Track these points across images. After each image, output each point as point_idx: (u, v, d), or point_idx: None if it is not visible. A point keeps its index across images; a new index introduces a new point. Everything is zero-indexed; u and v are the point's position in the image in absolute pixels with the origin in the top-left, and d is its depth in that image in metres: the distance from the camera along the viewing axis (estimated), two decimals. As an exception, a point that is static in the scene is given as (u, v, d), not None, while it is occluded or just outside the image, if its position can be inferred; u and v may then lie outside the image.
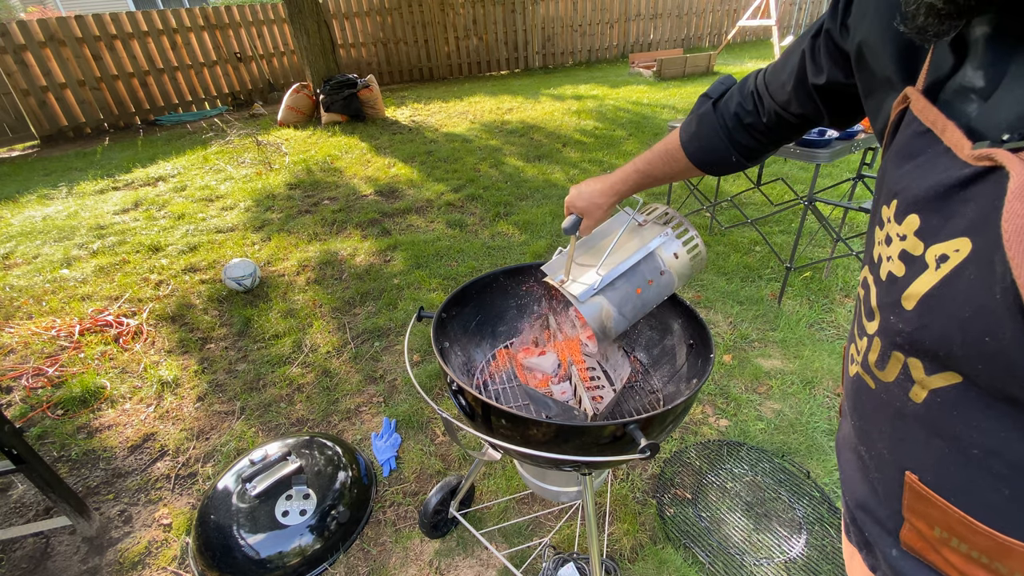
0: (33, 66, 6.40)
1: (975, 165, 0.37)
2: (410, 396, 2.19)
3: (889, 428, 0.49)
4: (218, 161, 5.27)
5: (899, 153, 0.46)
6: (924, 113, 0.43)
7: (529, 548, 1.57)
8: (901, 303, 0.43)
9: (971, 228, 0.37)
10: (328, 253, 3.37)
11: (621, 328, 0.96)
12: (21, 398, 2.27)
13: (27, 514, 1.80)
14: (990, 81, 0.38)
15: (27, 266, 3.40)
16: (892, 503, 0.49)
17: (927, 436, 0.44)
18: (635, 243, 0.97)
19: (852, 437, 0.57)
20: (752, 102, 0.78)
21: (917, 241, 0.42)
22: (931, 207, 0.41)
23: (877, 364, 0.49)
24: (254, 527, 1.51)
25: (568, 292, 0.94)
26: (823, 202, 2.42)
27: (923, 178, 0.42)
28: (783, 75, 0.71)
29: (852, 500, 0.57)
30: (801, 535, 1.59)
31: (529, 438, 0.89)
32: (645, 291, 0.95)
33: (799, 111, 0.72)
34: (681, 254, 0.96)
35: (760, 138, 0.80)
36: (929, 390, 0.43)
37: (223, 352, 2.54)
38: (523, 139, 5.52)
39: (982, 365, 0.37)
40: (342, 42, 8.51)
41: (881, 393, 0.49)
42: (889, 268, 0.46)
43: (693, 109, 0.87)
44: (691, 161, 0.87)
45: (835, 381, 2.14)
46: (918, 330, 0.42)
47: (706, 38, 11.17)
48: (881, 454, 0.50)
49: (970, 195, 0.37)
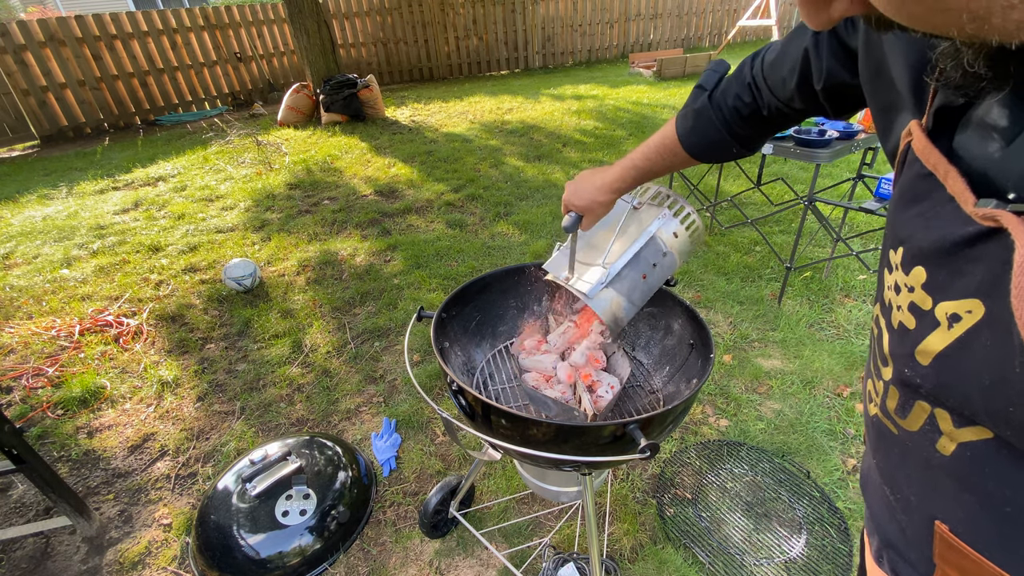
0: (33, 66, 6.41)
1: (980, 224, 0.34)
2: (410, 396, 2.19)
3: (915, 475, 0.46)
4: (218, 161, 5.27)
5: (903, 195, 0.44)
6: (925, 155, 0.40)
7: (529, 548, 1.57)
8: (915, 357, 0.41)
9: (982, 290, 0.34)
10: (328, 253, 3.37)
11: (631, 315, 0.96)
12: (21, 398, 2.27)
13: (27, 514, 1.80)
14: (1015, 123, 0.34)
15: (27, 266, 3.40)
16: (922, 548, 0.47)
17: (957, 490, 0.41)
18: (634, 229, 0.96)
19: (876, 475, 0.54)
20: (750, 94, 0.75)
21: (925, 295, 0.40)
22: (937, 262, 0.39)
23: (897, 412, 0.47)
24: (254, 527, 1.51)
25: (576, 289, 0.93)
26: (823, 202, 2.42)
27: (928, 228, 0.40)
28: (783, 70, 0.68)
29: (881, 537, 0.55)
30: (801, 535, 1.59)
31: (529, 438, 0.89)
32: (650, 275, 0.94)
33: (802, 107, 0.70)
34: (680, 232, 0.95)
35: (760, 127, 0.79)
36: (958, 443, 0.40)
37: (223, 352, 2.54)
38: (523, 139, 5.51)
39: (1011, 432, 0.35)
40: (342, 42, 8.51)
41: (905, 440, 0.46)
42: (900, 318, 0.44)
43: (688, 102, 0.84)
44: (690, 154, 0.85)
45: (835, 381, 2.14)
46: (938, 388, 0.40)
47: (706, 38, 11.16)
48: (908, 499, 0.48)
49: (978, 254, 0.35)
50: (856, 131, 2.28)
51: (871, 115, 0.56)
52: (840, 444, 1.87)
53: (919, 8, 0.27)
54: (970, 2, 0.25)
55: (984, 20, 0.25)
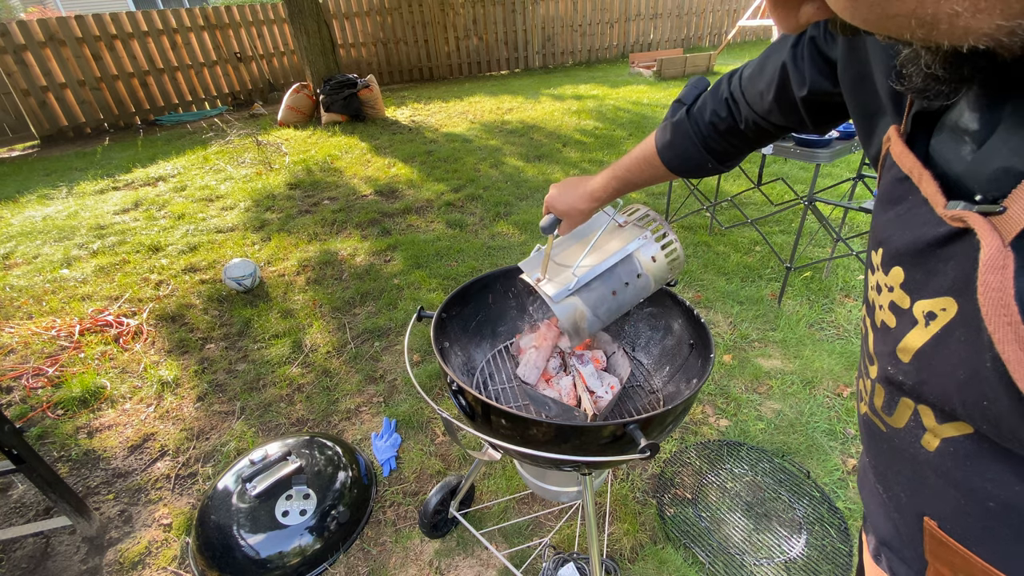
0: (33, 66, 6.41)
1: (950, 224, 0.36)
2: (410, 396, 2.19)
3: (904, 473, 0.47)
4: (218, 161, 5.27)
5: (883, 198, 0.45)
6: (902, 159, 0.42)
7: (529, 548, 1.57)
8: (897, 354, 0.43)
9: (954, 288, 0.36)
10: (328, 253, 3.37)
11: (595, 329, 0.96)
12: (21, 398, 2.27)
13: (27, 514, 1.80)
14: (985, 126, 0.35)
15: (27, 266, 3.40)
16: (915, 545, 0.48)
17: (943, 485, 0.42)
18: (614, 244, 0.96)
19: (871, 473, 0.55)
20: (727, 109, 0.76)
21: (903, 294, 0.41)
22: (913, 261, 0.40)
23: (884, 409, 0.48)
24: (254, 527, 1.51)
25: (543, 291, 0.93)
26: (823, 202, 2.42)
27: (904, 229, 0.41)
28: (760, 84, 0.68)
29: (877, 535, 0.56)
30: (801, 535, 1.59)
31: (529, 438, 0.89)
32: (621, 293, 0.94)
33: (781, 122, 0.70)
34: (659, 257, 0.94)
35: (736, 143, 0.79)
36: (942, 439, 0.41)
37: (223, 352, 2.54)
38: (523, 139, 5.52)
39: (986, 425, 0.36)
40: (342, 42, 8.51)
41: (893, 438, 0.47)
42: (882, 317, 0.45)
43: (667, 115, 0.84)
44: (668, 168, 0.85)
45: (835, 381, 2.14)
46: (919, 384, 0.41)
47: (706, 38, 11.17)
48: (899, 496, 0.49)
49: (949, 254, 0.36)
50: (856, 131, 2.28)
51: (853, 122, 0.57)
52: (840, 444, 1.87)
53: (871, 14, 0.28)
54: (916, 9, 0.26)
55: (932, 26, 0.26)
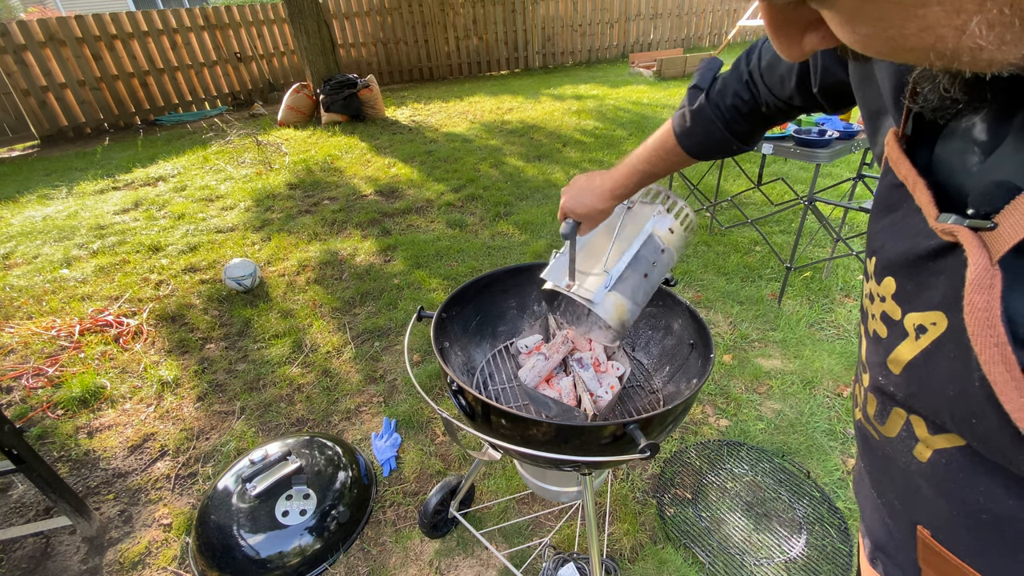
0: (33, 66, 6.41)
1: (941, 238, 0.35)
2: (410, 396, 2.19)
3: (897, 481, 0.47)
4: (218, 161, 5.27)
5: (879, 203, 0.45)
6: (897, 166, 0.40)
7: (529, 548, 1.57)
8: (888, 365, 0.42)
9: (944, 303, 0.35)
10: (328, 253, 3.37)
11: (636, 316, 0.95)
12: (21, 398, 2.27)
13: (27, 514, 1.80)
14: (993, 137, 0.34)
15: (27, 266, 3.40)
16: (908, 552, 0.48)
17: (935, 496, 0.42)
18: (630, 228, 0.96)
19: (866, 478, 0.55)
20: (749, 91, 0.75)
21: (895, 305, 0.41)
22: (905, 273, 0.39)
23: (876, 418, 0.48)
24: (254, 527, 1.51)
25: (580, 296, 0.91)
26: (823, 202, 2.42)
27: (897, 239, 0.40)
28: (780, 69, 0.68)
29: (872, 540, 0.56)
30: (801, 535, 1.59)
31: (529, 438, 0.89)
32: (651, 273, 0.94)
33: (801, 104, 0.70)
34: (675, 228, 0.95)
35: (760, 123, 0.79)
36: (934, 450, 0.41)
37: (223, 352, 2.54)
38: (523, 139, 5.51)
39: (976, 442, 0.36)
40: (342, 42, 8.51)
41: (886, 446, 0.47)
42: (874, 326, 0.45)
43: (684, 103, 0.82)
44: (689, 154, 0.85)
45: (835, 381, 2.14)
46: (909, 396, 0.41)
47: (706, 38, 11.16)
48: (892, 503, 0.49)
49: (940, 267, 0.36)
50: (856, 131, 2.28)
51: (862, 119, 0.56)
52: (840, 444, 1.87)
53: (885, 47, 0.27)
54: (936, 44, 0.25)
55: (953, 58, 0.25)
